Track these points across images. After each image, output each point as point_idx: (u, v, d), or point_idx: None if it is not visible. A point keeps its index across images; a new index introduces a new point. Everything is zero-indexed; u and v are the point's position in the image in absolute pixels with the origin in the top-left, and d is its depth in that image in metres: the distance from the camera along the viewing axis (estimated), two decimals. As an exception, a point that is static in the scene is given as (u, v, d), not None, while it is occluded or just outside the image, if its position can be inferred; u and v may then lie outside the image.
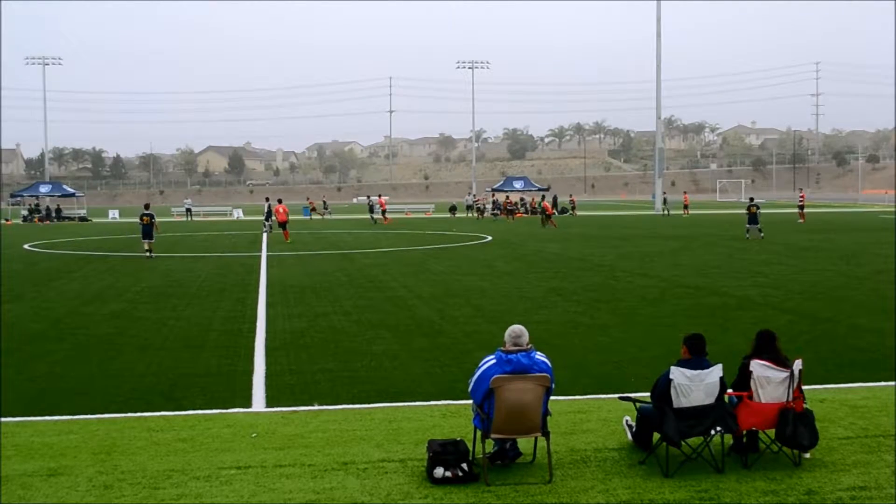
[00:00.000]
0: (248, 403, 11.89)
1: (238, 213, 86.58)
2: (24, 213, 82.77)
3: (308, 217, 77.45)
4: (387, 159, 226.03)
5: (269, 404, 11.84)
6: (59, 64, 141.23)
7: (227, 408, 11.59)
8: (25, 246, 44.70)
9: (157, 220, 36.85)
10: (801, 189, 79.16)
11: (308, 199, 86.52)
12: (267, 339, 16.60)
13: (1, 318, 19.53)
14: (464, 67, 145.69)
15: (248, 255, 37.05)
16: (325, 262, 33.66)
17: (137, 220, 36.93)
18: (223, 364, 14.49)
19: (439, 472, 8.44)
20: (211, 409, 11.55)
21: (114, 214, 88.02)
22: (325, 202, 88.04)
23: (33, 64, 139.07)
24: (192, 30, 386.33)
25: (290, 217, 48.49)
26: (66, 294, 24.15)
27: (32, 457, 9.43)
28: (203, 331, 17.78)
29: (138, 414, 11.33)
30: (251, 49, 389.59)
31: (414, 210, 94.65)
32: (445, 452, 8.58)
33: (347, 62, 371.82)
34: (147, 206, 38.76)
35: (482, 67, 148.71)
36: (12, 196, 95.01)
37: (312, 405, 11.63)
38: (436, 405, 11.56)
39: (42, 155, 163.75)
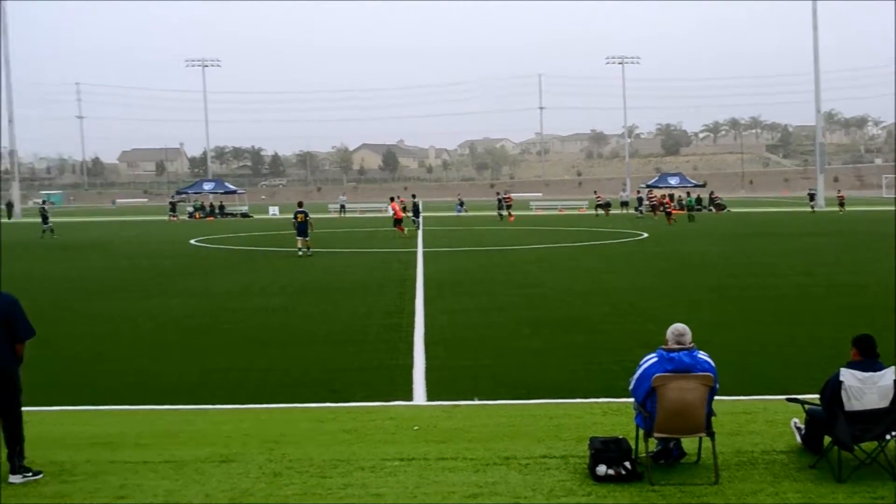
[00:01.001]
0: (409, 397, 12.06)
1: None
2: (189, 209, 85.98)
3: (459, 213, 78.09)
4: (538, 156, 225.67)
5: (429, 398, 11.99)
6: (218, 65, 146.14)
7: (388, 401, 11.78)
8: (192, 241, 46.44)
9: (311, 217, 37.38)
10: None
11: (458, 195, 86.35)
12: (425, 334, 16.80)
13: (150, 312, 20.34)
14: (613, 63, 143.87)
15: (405, 251, 37.52)
16: (480, 258, 33.83)
17: (292, 217, 37.44)
18: (383, 358, 14.75)
19: (602, 469, 8.39)
20: (373, 401, 11.76)
21: (273, 211, 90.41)
22: (461, 200, 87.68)
23: (194, 66, 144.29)
24: (346, 29, 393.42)
25: (439, 213, 48.85)
26: (231, 288, 24.96)
27: (207, 443, 9.80)
28: (363, 324, 18.13)
29: (304, 405, 11.64)
30: (405, 48, 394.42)
31: (567, 206, 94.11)
32: (608, 450, 8.52)
33: (498, 60, 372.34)
34: (301, 204, 37.88)
35: (632, 62, 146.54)
36: (177, 193, 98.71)
37: (473, 400, 11.72)
38: (596, 402, 11.49)
39: (204, 153, 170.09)
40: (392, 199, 54.62)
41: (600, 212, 72.74)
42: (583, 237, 45.52)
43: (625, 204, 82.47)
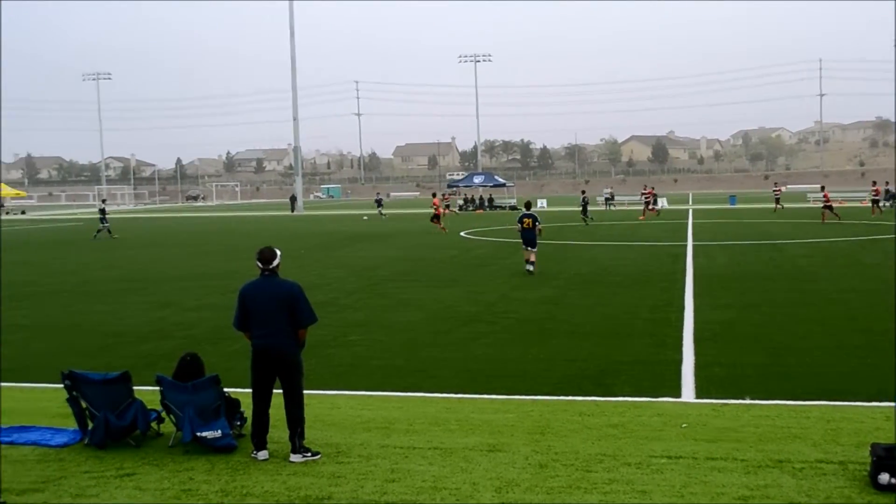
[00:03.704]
0: (677, 393, 11.81)
1: (662, 202, 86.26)
2: (460, 202, 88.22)
3: (733, 205, 75.86)
4: (817, 145, 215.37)
5: (698, 395, 11.69)
6: (489, 61, 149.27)
7: (656, 396, 11.59)
8: (462, 234, 47.51)
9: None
10: None
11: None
12: (695, 330, 16.42)
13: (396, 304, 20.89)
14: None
15: (673, 244, 36.84)
16: (752, 251, 32.72)
17: (517, 215, 36.05)
18: (651, 352, 14.53)
19: (884, 478, 7.89)
20: (640, 396, 11.60)
21: (542, 203, 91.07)
22: (655, 195, 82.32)
23: (466, 61, 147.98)
24: (611, 23, 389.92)
25: (709, 206, 47.45)
26: (496, 279, 25.34)
27: (473, 432, 9.99)
28: (630, 318, 17.94)
29: (570, 397, 11.64)
30: (672, 38, 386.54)
31: (848, 199, 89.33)
32: (891, 458, 8.00)
33: (772, 44, 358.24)
34: (528, 206, 29.70)
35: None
36: (449, 186, 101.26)
37: (744, 399, 11.33)
38: (878, 406, 10.84)
39: (475, 147, 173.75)
40: (434, 195, 56.93)
41: (888, 204, 63.76)
42: (861, 231, 42.95)
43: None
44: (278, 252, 9.56)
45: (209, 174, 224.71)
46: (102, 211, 52.01)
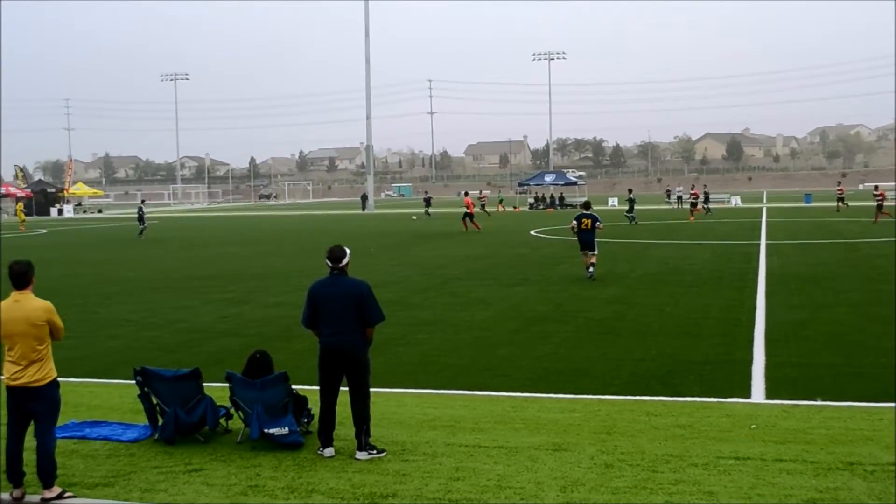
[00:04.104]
0: (746, 394, 11.66)
1: (736, 201, 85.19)
2: (531, 200, 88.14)
3: (808, 204, 74.58)
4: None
5: (768, 396, 11.53)
6: (563, 58, 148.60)
7: (725, 397, 11.45)
8: (531, 232, 47.41)
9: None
10: None
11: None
12: (766, 330, 16.19)
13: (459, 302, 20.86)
14: None
15: (746, 244, 36.35)
16: (826, 251, 32.14)
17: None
18: (721, 353, 14.37)
19: (959, 482, 7.72)
20: (708, 397, 11.48)
21: (612, 202, 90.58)
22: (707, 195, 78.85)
23: (540, 59, 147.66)
24: (682, 20, 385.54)
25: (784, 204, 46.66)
26: (566, 278, 25.24)
27: (539, 431, 9.98)
28: (700, 318, 17.75)
29: (637, 397, 11.56)
30: (730, 33, 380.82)
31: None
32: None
33: (851, 39, 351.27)
34: (587, 206, 26.38)
35: None
36: (520, 185, 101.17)
37: (815, 400, 11.14)
38: (955, 409, 10.58)
39: (546, 146, 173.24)
40: (466, 194, 55.96)
41: None
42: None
43: None
44: (348, 251, 9.63)
45: (282, 173, 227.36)
46: (140, 209, 53.24)
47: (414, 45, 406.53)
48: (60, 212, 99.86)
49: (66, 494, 8.22)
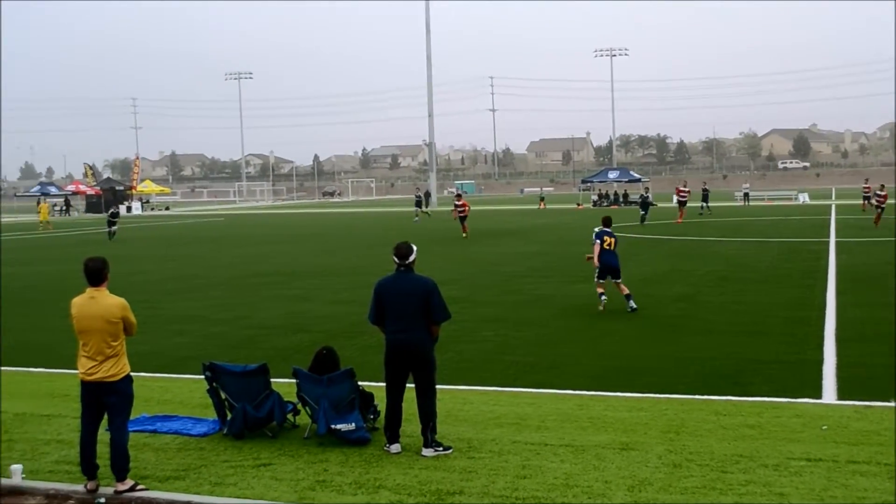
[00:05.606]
0: (817, 394, 11.47)
1: (804, 198, 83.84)
2: (594, 197, 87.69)
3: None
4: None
5: (840, 396, 11.33)
6: (626, 55, 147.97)
7: (795, 397, 11.27)
8: (595, 229, 46.95)
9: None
10: None
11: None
12: (837, 329, 15.92)
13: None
14: None
15: (815, 241, 35.76)
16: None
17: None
18: (790, 352, 14.16)
19: None
20: (778, 397, 11.31)
21: (676, 199, 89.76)
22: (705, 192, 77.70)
23: (602, 56, 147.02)
24: (745, 18, 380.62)
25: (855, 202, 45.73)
26: (631, 275, 24.99)
27: (606, 429, 9.91)
28: (768, 316, 17.51)
29: (705, 396, 11.43)
30: (794, 30, 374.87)
31: None
32: None
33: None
34: (608, 222, 21.54)
35: None
36: (583, 182, 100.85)
37: (889, 401, 10.92)
38: None
39: (610, 142, 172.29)
40: (458, 196, 51.93)
41: None
42: None
43: None
44: (414, 247, 9.64)
45: (345, 170, 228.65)
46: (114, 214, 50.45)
47: (475, 42, 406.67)
48: (129, 209, 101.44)
49: (139, 487, 8.34)
